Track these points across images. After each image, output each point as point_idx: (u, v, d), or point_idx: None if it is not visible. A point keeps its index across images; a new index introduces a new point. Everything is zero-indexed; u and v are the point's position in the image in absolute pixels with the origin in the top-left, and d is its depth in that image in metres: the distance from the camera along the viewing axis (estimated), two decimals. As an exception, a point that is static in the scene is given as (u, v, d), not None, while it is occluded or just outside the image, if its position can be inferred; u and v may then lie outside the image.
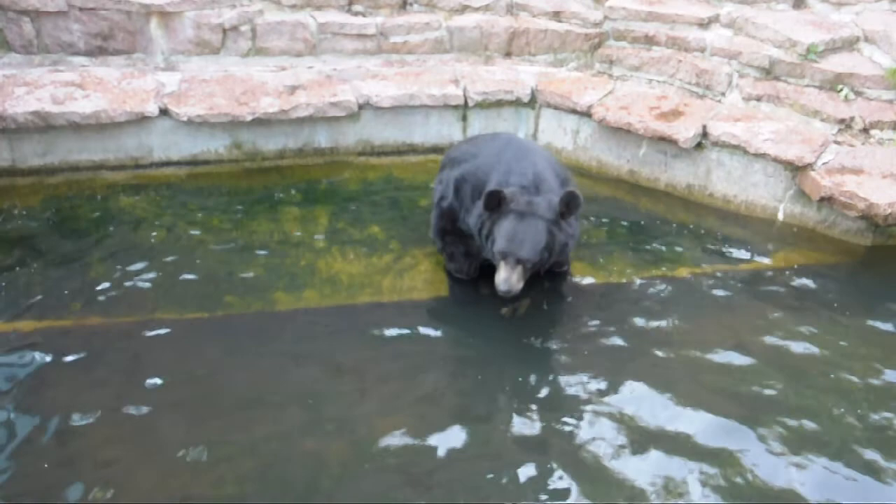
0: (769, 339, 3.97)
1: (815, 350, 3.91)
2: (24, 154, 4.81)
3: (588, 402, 3.54)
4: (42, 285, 4.00)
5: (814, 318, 4.15)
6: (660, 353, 3.82)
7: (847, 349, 3.94)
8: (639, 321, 4.04)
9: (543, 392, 3.61)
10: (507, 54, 5.92)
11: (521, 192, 3.73)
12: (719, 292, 4.31)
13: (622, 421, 3.43)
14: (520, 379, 3.68)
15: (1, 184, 4.73)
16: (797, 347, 3.92)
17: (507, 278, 3.66)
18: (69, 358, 3.59)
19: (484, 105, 5.43)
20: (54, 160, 4.87)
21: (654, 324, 4.03)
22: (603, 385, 3.63)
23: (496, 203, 3.69)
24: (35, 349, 3.62)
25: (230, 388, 3.49)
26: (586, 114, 5.30)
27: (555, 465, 3.21)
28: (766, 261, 4.61)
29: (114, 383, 3.47)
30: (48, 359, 3.57)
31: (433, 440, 3.31)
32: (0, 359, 3.57)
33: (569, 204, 3.69)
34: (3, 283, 3.99)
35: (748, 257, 4.63)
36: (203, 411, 3.37)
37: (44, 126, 4.73)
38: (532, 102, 5.51)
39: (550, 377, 3.72)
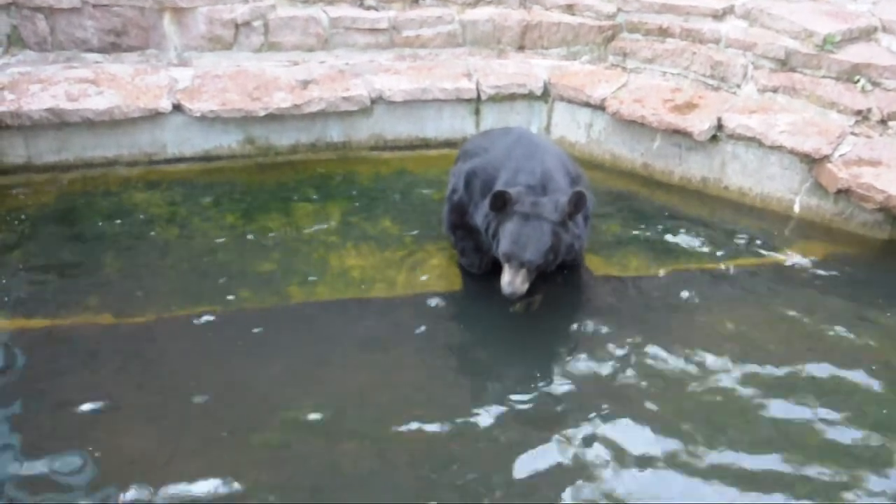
0: (785, 333, 3.95)
1: (830, 344, 3.88)
2: (40, 150, 4.83)
3: (601, 396, 3.52)
4: (56, 281, 4.02)
5: (830, 312, 4.11)
6: (675, 349, 3.80)
7: (863, 342, 3.91)
8: (653, 316, 4.02)
9: (556, 388, 3.60)
10: (520, 48, 5.89)
11: (526, 193, 3.71)
12: (734, 286, 4.29)
13: (636, 416, 3.42)
14: (533, 374, 3.67)
15: (17, 180, 4.76)
16: (813, 341, 3.90)
17: (511, 281, 3.66)
18: (83, 355, 3.60)
19: (497, 99, 5.41)
20: (69, 156, 4.89)
21: (669, 318, 4.01)
22: (616, 380, 3.62)
23: (502, 204, 3.67)
24: (49, 346, 3.64)
25: (244, 383, 3.49)
26: (600, 107, 5.27)
27: (567, 461, 3.21)
28: (782, 254, 4.57)
29: (129, 380, 3.48)
30: (62, 356, 3.59)
31: (445, 435, 3.30)
32: (12, 355, 3.59)
33: (576, 204, 3.67)
34: (17, 280, 4.02)
35: (764, 251, 4.60)
36: (218, 406, 3.38)
37: (58, 123, 4.75)
38: (545, 96, 5.49)
39: (563, 373, 3.70)
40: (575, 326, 4.04)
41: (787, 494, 3.10)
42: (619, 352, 3.78)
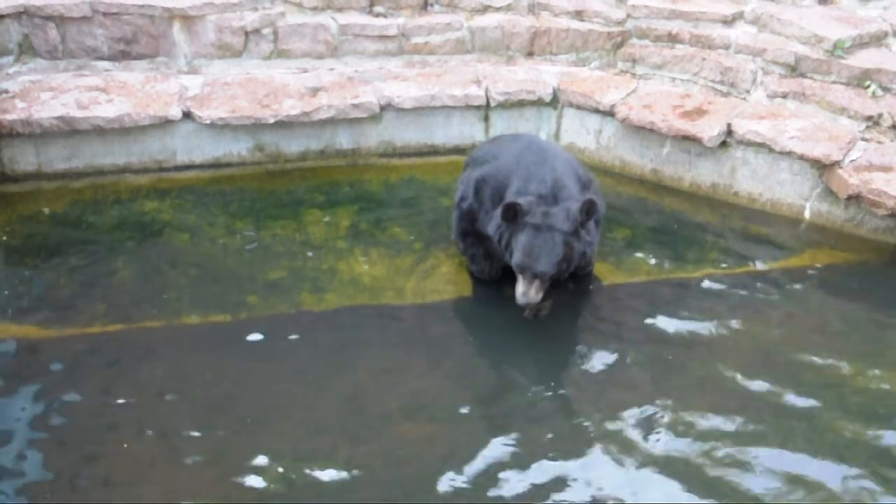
0: (796, 339, 3.93)
1: (842, 350, 3.86)
2: (50, 158, 4.85)
3: (610, 402, 3.52)
4: (66, 289, 4.04)
5: (841, 317, 4.10)
6: (685, 355, 3.79)
7: (875, 347, 3.89)
8: (663, 322, 4.01)
9: (565, 394, 3.60)
10: (529, 54, 5.89)
11: (538, 203, 3.70)
12: (744, 292, 4.27)
13: (644, 421, 3.41)
14: (542, 381, 3.66)
15: (27, 188, 4.78)
16: (824, 348, 3.88)
17: (525, 292, 3.67)
18: (94, 362, 3.61)
19: (506, 105, 5.40)
20: (79, 164, 4.90)
21: (680, 325, 3.99)
22: (625, 385, 3.61)
23: (513, 215, 3.68)
24: (59, 353, 3.65)
25: (253, 391, 3.50)
26: (609, 113, 5.26)
27: (575, 465, 3.21)
28: (792, 260, 4.56)
29: (138, 387, 3.49)
30: (72, 363, 3.60)
31: (454, 442, 3.30)
32: (24, 362, 3.60)
33: (588, 212, 3.68)
34: (29, 288, 4.03)
35: (774, 256, 4.58)
36: (227, 414, 3.39)
37: (69, 130, 4.76)
38: (554, 102, 5.48)
39: (572, 379, 3.70)
40: (584, 333, 4.04)
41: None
42: (628, 358, 3.77)
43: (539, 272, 3.64)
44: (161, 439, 3.25)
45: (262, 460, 3.17)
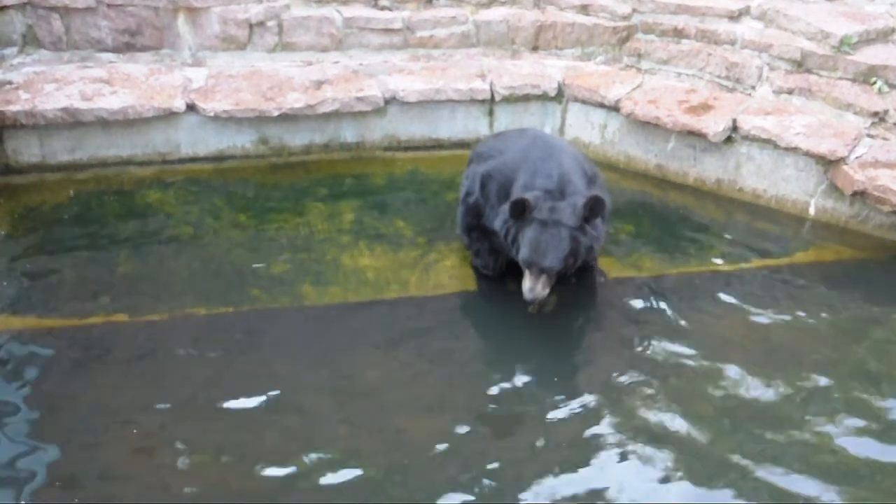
0: (800, 335, 3.93)
1: (846, 347, 3.85)
2: (54, 150, 4.84)
3: (613, 397, 3.52)
4: (70, 281, 4.03)
5: (845, 315, 4.09)
6: (688, 351, 3.78)
7: (880, 346, 3.88)
8: (667, 317, 4.00)
9: (568, 388, 3.59)
10: (534, 48, 5.87)
11: (544, 198, 3.70)
12: (748, 288, 4.26)
13: (648, 417, 3.41)
14: (546, 376, 3.66)
15: (31, 179, 4.77)
16: (828, 344, 3.87)
17: (532, 287, 3.67)
18: (97, 354, 3.61)
19: (511, 99, 5.39)
20: (83, 156, 4.90)
21: (683, 320, 3.98)
22: (628, 380, 3.61)
23: (521, 211, 3.67)
24: (62, 345, 3.65)
25: (255, 385, 3.49)
26: (614, 108, 5.25)
27: (578, 460, 3.21)
28: (797, 256, 4.55)
29: (141, 380, 3.49)
30: (75, 355, 3.60)
31: (458, 437, 3.30)
32: (27, 355, 3.60)
33: (594, 208, 3.67)
34: (32, 279, 4.03)
35: (779, 253, 4.57)
36: (229, 405, 3.38)
37: (72, 122, 4.76)
38: (559, 97, 5.47)
39: (575, 373, 3.70)
40: (588, 327, 4.03)
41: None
42: (631, 353, 3.77)
43: (546, 267, 3.64)
44: (162, 431, 3.25)
45: (263, 455, 3.17)
